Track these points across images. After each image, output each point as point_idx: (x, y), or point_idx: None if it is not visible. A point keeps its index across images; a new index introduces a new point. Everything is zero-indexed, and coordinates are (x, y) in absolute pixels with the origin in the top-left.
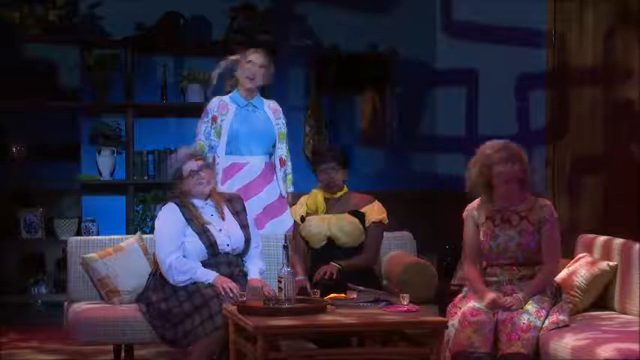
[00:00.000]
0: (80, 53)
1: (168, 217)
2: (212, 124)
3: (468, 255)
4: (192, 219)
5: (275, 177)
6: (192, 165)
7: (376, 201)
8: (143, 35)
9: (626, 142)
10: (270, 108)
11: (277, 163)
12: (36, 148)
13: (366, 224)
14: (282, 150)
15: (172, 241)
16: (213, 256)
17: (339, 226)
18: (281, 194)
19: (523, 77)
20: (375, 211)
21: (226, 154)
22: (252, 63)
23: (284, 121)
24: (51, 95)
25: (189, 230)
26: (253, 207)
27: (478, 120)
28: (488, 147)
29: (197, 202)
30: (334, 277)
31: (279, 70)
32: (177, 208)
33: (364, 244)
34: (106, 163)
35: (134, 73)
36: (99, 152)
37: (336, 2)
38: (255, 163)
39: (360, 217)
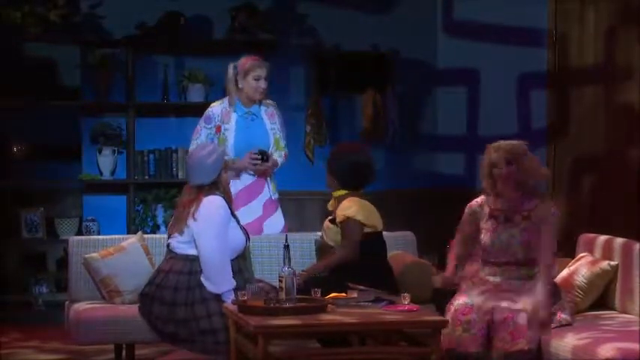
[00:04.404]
0: (81, 53)
1: (223, 211)
2: (216, 133)
3: (457, 240)
4: (232, 213)
5: (267, 181)
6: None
7: (349, 199)
8: (144, 35)
9: (626, 141)
10: (267, 113)
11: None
12: (37, 147)
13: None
14: (275, 154)
15: (225, 239)
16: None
17: (323, 232)
18: (271, 197)
19: (524, 77)
20: (340, 210)
21: None
22: (260, 78)
23: (279, 125)
24: (52, 95)
25: (233, 222)
26: (252, 211)
27: (479, 120)
28: (494, 146)
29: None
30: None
31: (280, 69)
32: (225, 201)
33: None
34: (106, 162)
35: (135, 72)
36: (100, 152)
37: (337, 1)
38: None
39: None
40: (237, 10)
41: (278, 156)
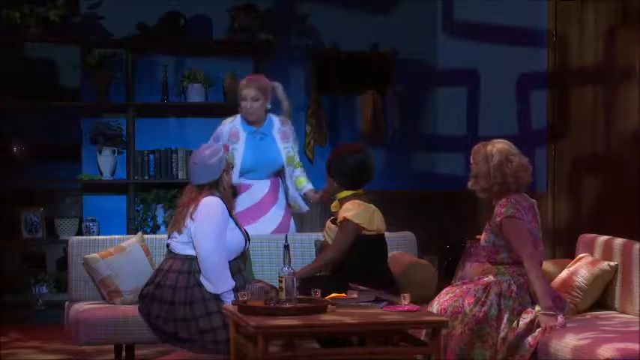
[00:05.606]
0: (81, 53)
1: (221, 212)
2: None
3: None
4: (230, 212)
5: (279, 196)
6: None
7: (351, 201)
8: (144, 35)
9: (626, 141)
10: (280, 132)
11: (290, 184)
12: (37, 147)
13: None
14: (297, 172)
15: (223, 240)
16: (242, 254)
17: (325, 233)
18: (286, 213)
19: (524, 77)
20: (342, 211)
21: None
22: (245, 99)
23: (294, 144)
24: (52, 95)
25: (231, 223)
26: (261, 228)
27: (479, 120)
28: None
29: None
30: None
31: (280, 69)
32: (222, 202)
33: None
34: (106, 162)
35: (135, 72)
36: (100, 152)
37: (338, 2)
38: (260, 185)
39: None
40: (237, 10)
41: (300, 173)
